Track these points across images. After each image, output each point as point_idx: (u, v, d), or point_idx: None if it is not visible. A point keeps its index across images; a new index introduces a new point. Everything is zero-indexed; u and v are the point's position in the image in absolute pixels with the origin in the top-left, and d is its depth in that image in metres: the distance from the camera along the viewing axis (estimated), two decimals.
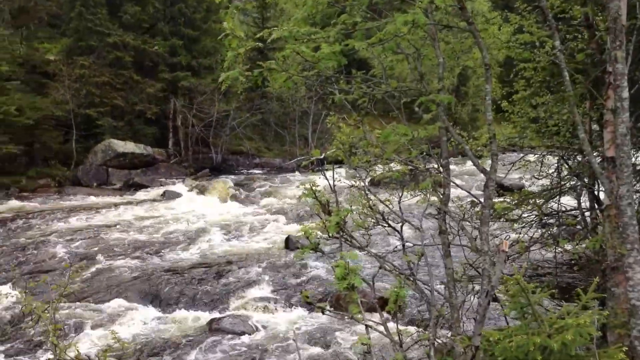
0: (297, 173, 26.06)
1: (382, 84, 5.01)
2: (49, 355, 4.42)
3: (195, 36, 29.43)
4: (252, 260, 12.04)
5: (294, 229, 14.60)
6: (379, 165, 5.42)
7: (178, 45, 28.47)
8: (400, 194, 5.29)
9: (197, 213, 17.34)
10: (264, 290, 10.34)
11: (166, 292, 10.23)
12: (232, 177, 25.46)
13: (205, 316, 9.27)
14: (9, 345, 7.81)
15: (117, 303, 9.68)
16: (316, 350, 7.57)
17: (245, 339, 8.17)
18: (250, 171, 28.78)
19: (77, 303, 9.27)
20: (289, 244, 13.12)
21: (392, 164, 5.33)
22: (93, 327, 8.22)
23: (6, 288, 10.19)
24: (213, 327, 8.62)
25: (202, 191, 21.86)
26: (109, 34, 26.34)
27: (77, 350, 4.08)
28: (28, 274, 11.12)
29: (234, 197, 20.30)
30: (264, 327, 8.67)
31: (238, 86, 4.42)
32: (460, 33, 5.72)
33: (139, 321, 8.94)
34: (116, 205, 19.16)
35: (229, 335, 8.24)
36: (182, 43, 28.68)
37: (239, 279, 10.81)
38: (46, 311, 4.33)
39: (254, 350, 7.71)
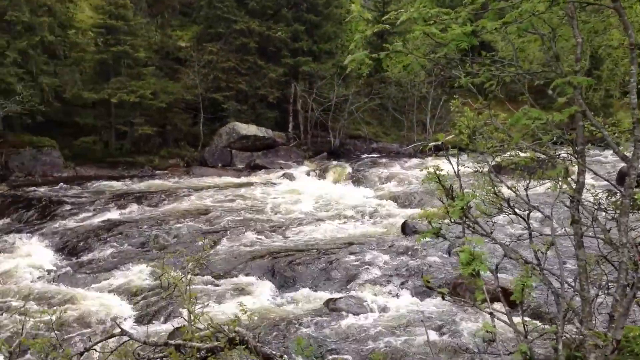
0: (414, 158, 25.75)
1: (512, 66, 4.82)
2: (184, 322, 4.72)
3: (317, 21, 29.82)
4: (368, 244, 12.12)
5: (411, 214, 14.50)
6: (504, 151, 5.24)
7: (300, 30, 29.00)
8: (527, 181, 5.08)
9: (315, 195, 17.68)
10: (379, 273, 10.37)
11: (285, 270, 10.56)
12: (349, 161, 25.66)
13: (322, 296, 9.46)
14: (149, 311, 8.47)
15: (239, 278, 10.14)
16: (432, 336, 7.50)
17: (361, 320, 8.26)
18: (367, 156, 28.85)
19: (206, 277, 9.80)
20: (406, 228, 13.05)
21: (518, 150, 5.13)
22: (219, 299, 8.69)
23: (145, 259, 11.01)
24: (330, 307, 8.80)
25: (320, 174, 22.27)
26: (235, 20, 27.34)
27: (211, 319, 4.34)
28: (163, 247, 11.93)
29: (351, 181, 20.47)
30: (380, 309, 8.72)
31: (363, 69, 4.42)
32: (601, 12, 5.36)
33: (259, 296, 9.32)
34: (239, 185, 20.01)
35: (346, 316, 8.37)
36: (304, 28, 29.18)
37: (355, 261, 10.92)
38: (182, 281, 4.63)
39: (369, 332, 7.78)
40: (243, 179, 21.99)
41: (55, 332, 4.54)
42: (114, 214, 15.10)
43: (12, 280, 9.86)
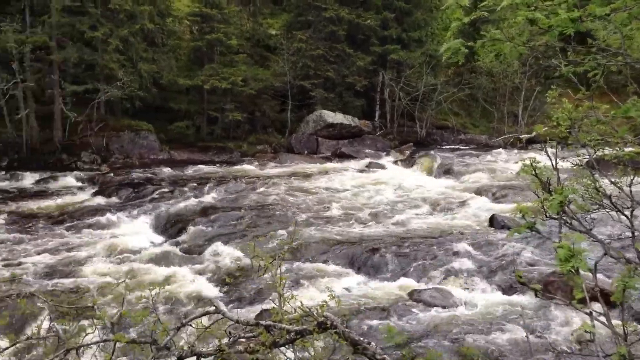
0: (503, 151, 25.00)
1: (619, 55, 4.57)
2: (274, 304, 4.85)
3: (407, 9, 29.45)
4: (453, 236, 11.92)
5: (499, 207, 14.12)
6: (606, 145, 4.99)
7: (389, 18, 28.74)
8: (632, 177, 4.82)
9: (400, 185, 17.57)
10: (465, 266, 10.18)
11: (369, 258, 10.59)
12: (436, 151, 25.26)
13: (406, 286, 9.42)
14: (238, 292, 8.77)
15: (323, 264, 10.27)
16: (521, 333, 7.30)
17: (446, 313, 8.17)
18: (454, 147, 28.30)
19: (292, 262, 9.98)
20: (494, 222, 12.73)
21: (622, 144, 4.88)
22: (304, 284, 8.86)
23: (236, 242, 11.36)
24: (414, 298, 8.75)
25: (406, 164, 22.09)
26: (325, 8, 27.46)
27: (301, 302, 4.44)
28: (252, 230, 12.26)
29: (438, 172, 20.17)
30: (466, 303, 8.58)
31: (459, 57, 4.34)
32: None
33: (343, 283, 9.40)
34: (324, 173, 20.19)
35: (430, 308, 8.30)
36: (393, 16, 28.89)
37: (440, 253, 10.78)
38: (272, 264, 4.75)
39: (455, 325, 7.68)
40: (328, 167, 22.17)
41: (154, 306, 4.75)
42: (205, 197, 15.66)
43: (115, 255, 10.47)
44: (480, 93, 31.75)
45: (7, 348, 4.70)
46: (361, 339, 4.22)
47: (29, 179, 19.75)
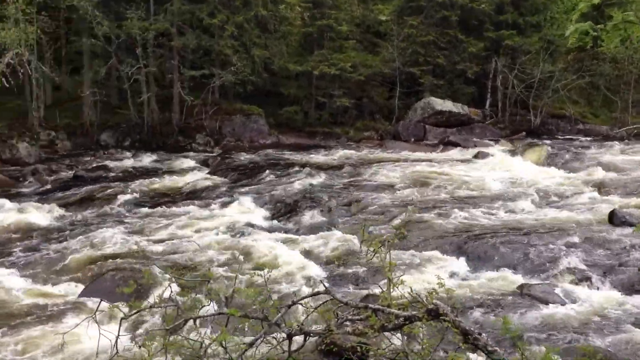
0: (625, 143, 23.38)
1: None
2: (380, 288, 4.89)
3: None
4: (567, 230, 11.35)
5: (620, 202, 13.27)
6: None
7: (506, 2, 27.61)
8: None
9: (510, 176, 16.94)
10: (580, 262, 9.69)
11: (476, 249, 10.35)
12: (550, 141, 24.08)
13: (514, 279, 9.12)
14: (345, 275, 8.91)
15: (430, 252, 10.15)
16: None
17: (558, 309, 7.83)
18: (571, 137, 26.83)
19: (399, 248, 9.95)
20: (614, 218, 11.96)
21: None
22: (410, 271, 8.81)
23: (343, 225, 11.51)
24: (524, 292, 8.46)
25: (517, 154, 21.27)
26: None
27: (410, 288, 4.44)
28: (359, 215, 12.34)
29: (551, 163, 19.23)
30: (580, 301, 8.17)
31: (586, 41, 4.13)
32: None
33: (450, 272, 9.26)
34: (431, 160, 19.89)
35: (542, 303, 7.99)
36: (510, 0, 27.74)
37: (552, 247, 10.32)
38: (381, 249, 4.78)
39: (569, 323, 7.36)
40: (435, 155, 21.82)
41: (266, 284, 4.93)
42: (312, 181, 15.93)
43: (226, 234, 10.95)
44: (602, 81, 29.81)
45: (133, 314, 5.08)
46: (472, 329, 4.15)
47: (148, 159, 21.02)
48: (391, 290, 4.54)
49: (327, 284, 5.61)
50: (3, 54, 19.92)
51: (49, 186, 16.73)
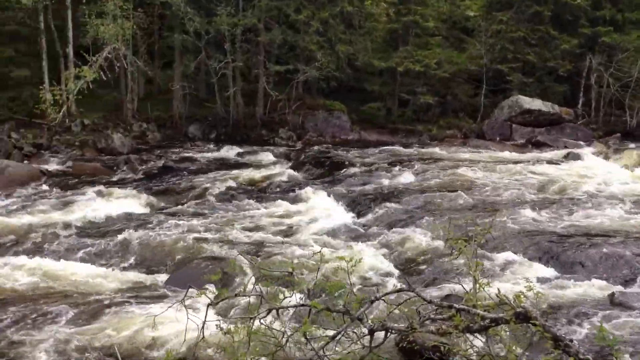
0: None
1: None
2: (463, 288, 4.79)
3: None
4: None
5: None
6: None
7: None
8: None
9: (602, 179, 16.11)
10: None
11: (563, 253, 9.93)
12: None
13: (604, 287, 8.68)
14: (426, 273, 8.80)
15: (513, 255, 9.83)
16: None
17: None
18: None
19: (482, 248, 9.72)
20: None
21: None
22: (494, 272, 8.59)
23: (424, 223, 11.37)
24: (615, 301, 8.04)
25: (610, 156, 20.25)
26: None
27: (498, 289, 4.33)
28: (441, 213, 12.10)
29: None
30: None
31: None
32: None
33: (535, 276, 8.92)
34: (517, 161, 19.25)
35: (633, 313, 7.58)
36: None
37: None
38: (466, 248, 4.68)
39: None
40: (522, 155, 21.10)
41: (349, 279, 4.95)
42: (393, 178, 15.84)
43: (309, 227, 11.07)
44: None
45: (219, 301, 5.25)
46: (562, 335, 4.00)
47: (232, 151, 21.57)
48: (478, 290, 4.44)
49: (409, 282, 5.55)
50: (102, 48, 21.02)
51: (140, 175, 17.51)
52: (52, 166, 18.56)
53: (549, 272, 9.29)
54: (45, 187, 15.61)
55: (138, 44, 24.63)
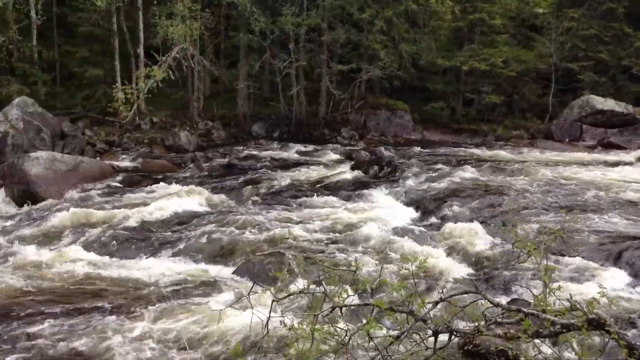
0: None
1: None
2: (532, 293, 4.67)
3: None
4: None
5: None
6: None
7: None
8: None
9: None
10: None
11: (638, 259, 9.51)
12: None
13: None
14: (491, 276, 8.62)
15: (585, 260, 9.49)
16: None
17: None
18: None
19: (553, 253, 9.45)
20: None
21: None
22: (563, 277, 8.32)
23: (488, 224, 11.14)
24: None
25: None
26: None
27: (570, 295, 4.19)
28: (507, 216, 11.83)
29: None
30: None
31: None
32: None
33: (606, 283, 8.57)
34: (588, 163, 18.59)
35: None
36: None
37: None
38: (536, 252, 4.56)
39: None
40: (593, 157, 20.35)
41: (413, 279, 4.91)
42: (456, 179, 15.52)
43: (372, 226, 11.03)
44: None
45: (284, 297, 5.30)
46: (638, 344, 3.83)
47: (295, 150, 21.77)
48: (548, 295, 4.31)
49: (476, 284, 5.45)
50: (171, 48, 21.65)
51: (205, 172, 17.91)
52: (123, 162, 19.26)
53: (623, 278, 8.91)
54: (115, 182, 16.20)
55: (205, 43, 25.25)
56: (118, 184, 16.03)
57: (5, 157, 18.05)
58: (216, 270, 9.51)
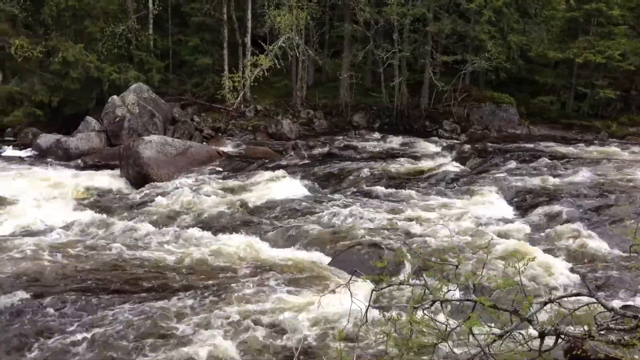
0: None
1: None
2: None
3: None
4: None
5: None
6: None
7: None
8: None
9: None
10: None
11: None
12: None
13: None
14: (600, 279, 8.21)
15: None
16: None
17: None
18: None
19: None
20: None
21: None
22: None
23: (597, 225, 10.60)
24: None
25: None
26: None
27: None
28: (626, 217, 11.14)
29: None
30: None
31: None
32: None
33: None
34: None
35: None
36: None
37: None
38: None
39: None
40: None
41: (520, 277, 4.77)
42: (563, 177, 14.87)
43: (473, 221, 10.80)
44: None
45: (385, 287, 5.33)
46: None
47: (395, 141, 21.63)
48: None
49: (588, 286, 5.23)
50: (277, 38, 22.13)
51: (305, 160, 18.22)
52: (228, 148, 19.98)
53: None
54: (220, 167, 16.86)
55: (310, 33, 25.55)
56: (223, 169, 16.68)
57: (122, 140, 19.26)
58: (314, 258, 9.68)
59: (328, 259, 9.53)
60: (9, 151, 20.15)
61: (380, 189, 14.14)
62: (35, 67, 22.84)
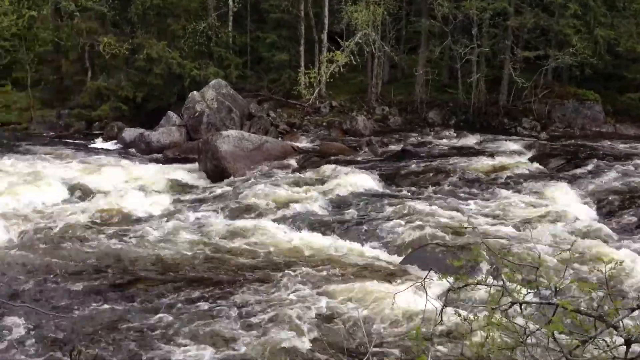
0: None
1: None
2: None
3: None
4: None
5: None
6: None
7: None
8: None
9: None
10: None
11: None
12: None
13: None
14: None
15: None
16: None
17: None
18: None
19: None
20: None
21: None
22: None
23: None
24: None
25: None
26: None
27: None
28: None
29: None
30: None
31: None
32: None
33: None
34: None
35: None
36: None
37: None
38: None
39: None
40: None
41: (607, 282, 4.58)
42: None
43: (551, 223, 10.46)
44: None
45: (462, 287, 5.22)
46: None
47: (472, 139, 21.15)
48: None
49: None
50: (353, 34, 22.14)
51: (380, 157, 18.16)
52: (302, 144, 20.19)
53: None
54: (295, 163, 17.06)
55: (387, 29, 25.40)
56: (297, 164, 16.88)
57: (201, 134, 19.86)
58: (388, 255, 9.67)
59: (402, 257, 9.48)
60: (99, 143, 21.36)
61: (455, 188, 13.91)
62: (121, 63, 23.93)
